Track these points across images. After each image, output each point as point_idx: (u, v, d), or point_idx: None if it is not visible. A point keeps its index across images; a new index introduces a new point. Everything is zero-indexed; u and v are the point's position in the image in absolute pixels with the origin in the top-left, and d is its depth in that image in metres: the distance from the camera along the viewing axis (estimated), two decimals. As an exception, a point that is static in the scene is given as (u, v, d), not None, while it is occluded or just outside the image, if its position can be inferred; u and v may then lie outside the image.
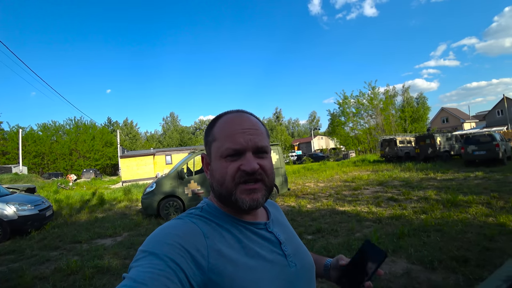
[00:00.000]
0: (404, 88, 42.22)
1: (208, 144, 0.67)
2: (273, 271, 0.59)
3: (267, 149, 0.64)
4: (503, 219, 4.62)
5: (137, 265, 0.49)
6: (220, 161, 0.62)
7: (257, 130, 0.64)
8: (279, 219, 0.77)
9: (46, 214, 6.60)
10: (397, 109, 39.96)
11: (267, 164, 0.63)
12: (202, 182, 7.56)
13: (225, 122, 0.65)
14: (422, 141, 17.44)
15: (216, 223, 0.61)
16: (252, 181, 0.61)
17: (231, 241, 0.59)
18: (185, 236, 0.54)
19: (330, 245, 4.10)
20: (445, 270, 3.09)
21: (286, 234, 0.71)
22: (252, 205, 0.61)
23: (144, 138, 66.00)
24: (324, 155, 36.33)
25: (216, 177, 0.63)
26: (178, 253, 0.50)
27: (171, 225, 0.58)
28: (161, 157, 23.77)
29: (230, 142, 0.61)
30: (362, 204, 6.96)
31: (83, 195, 13.23)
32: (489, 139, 12.65)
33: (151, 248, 0.51)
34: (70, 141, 40.89)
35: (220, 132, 0.64)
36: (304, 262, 0.68)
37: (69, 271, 3.81)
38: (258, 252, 0.60)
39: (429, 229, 4.46)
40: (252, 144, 0.61)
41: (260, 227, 0.66)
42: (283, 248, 0.65)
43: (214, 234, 0.58)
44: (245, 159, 0.60)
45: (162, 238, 0.53)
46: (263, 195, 0.62)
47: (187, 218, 0.61)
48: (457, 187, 8.07)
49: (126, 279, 0.47)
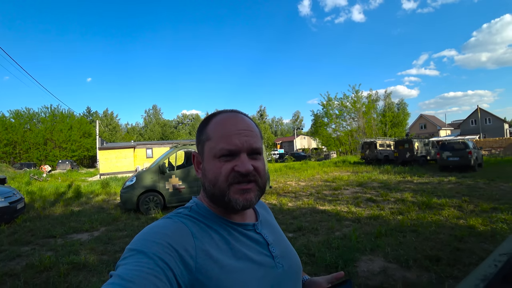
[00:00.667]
0: (386, 94, 43.49)
1: (201, 143, 0.66)
2: (260, 272, 0.59)
3: (260, 151, 0.64)
4: (472, 221, 4.89)
5: (125, 263, 0.49)
6: (213, 161, 0.61)
7: (252, 131, 0.64)
8: (268, 220, 0.77)
9: (17, 206, 6.27)
10: (378, 113, 41.12)
11: (261, 166, 0.63)
12: (184, 178, 7.46)
13: (220, 121, 0.64)
14: (401, 145, 18.08)
15: (205, 224, 0.61)
16: (246, 181, 0.60)
17: (219, 242, 0.59)
18: (174, 236, 0.54)
19: (310, 243, 4.17)
20: (419, 269, 3.23)
21: (274, 235, 0.71)
22: (246, 205, 0.60)
23: (124, 130, 64.22)
24: (306, 155, 36.84)
25: (208, 177, 0.62)
26: (166, 252, 0.50)
27: (159, 224, 0.57)
28: (142, 150, 23.22)
29: (225, 142, 0.60)
30: (342, 204, 7.12)
31: (58, 187, 12.69)
32: (463, 147, 13.31)
33: (139, 247, 0.51)
34: (45, 130, 38.99)
35: (215, 132, 0.63)
36: (292, 263, 0.68)
37: (42, 267, 3.64)
38: (245, 253, 0.60)
39: (405, 230, 4.64)
40: (247, 145, 0.61)
41: (249, 228, 0.66)
42: (270, 250, 0.65)
43: (202, 235, 0.58)
44: (239, 160, 0.60)
45: (150, 237, 0.53)
46: (256, 195, 0.62)
47: (176, 218, 0.60)
48: (431, 190, 8.43)
49: (113, 277, 0.46)
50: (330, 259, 3.45)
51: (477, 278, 0.80)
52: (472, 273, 0.85)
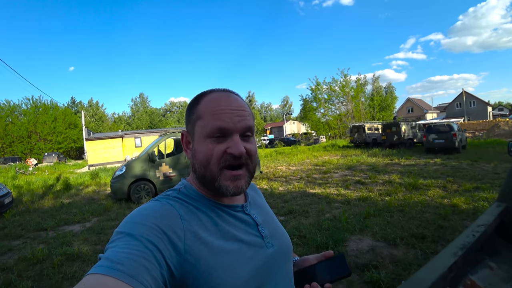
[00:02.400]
0: (374, 78, 43.75)
1: (191, 122, 0.64)
2: (249, 252, 0.60)
3: (253, 131, 0.63)
4: (456, 200, 5.10)
5: (113, 245, 0.48)
6: (204, 142, 0.60)
7: (245, 111, 0.62)
8: (257, 201, 0.76)
9: (4, 201, 6.15)
10: (366, 97, 41.44)
11: (253, 148, 0.62)
12: (174, 165, 7.44)
13: (212, 100, 0.62)
14: (388, 128, 18.37)
15: (193, 206, 0.61)
16: (237, 165, 0.60)
17: (208, 223, 0.59)
18: (162, 218, 0.53)
19: (301, 225, 4.28)
20: (405, 246, 3.37)
21: (263, 216, 0.71)
22: (236, 192, 0.61)
23: (111, 120, 62.79)
24: (295, 140, 37.02)
25: (199, 158, 0.61)
26: (155, 234, 0.50)
27: (147, 206, 0.57)
28: (130, 139, 22.90)
29: (218, 121, 0.59)
30: (331, 187, 7.28)
31: (45, 180, 12.46)
32: (448, 129, 13.62)
33: (127, 229, 0.50)
34: (28, 123, 37.64)
35: (207, 110, 0.61)
36: (282, 243, 0.69)
37: (35, 259, 3.63)
38: (234, 234, 0.60)
39: (392, 210, 4.80)
40: (240, 126, 0.60)
41: (237, 210, 0.66)
42: (260, 230, 0.66)
43: (190, 216, 0.58)
44: (232, 142, 0.59)
45: (138, 220, 0.52)
46: (246, 181, 0.62)
47: (164, 200, 0.60)
48: (418, 172, 8.69)
49: (102, 259, 0.46)
50: (321, 240, 3.57)
51: (456, 247, 0.86)
52: (452, 243, 0.91)
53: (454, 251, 0.77)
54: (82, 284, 0.41)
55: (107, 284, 0.41)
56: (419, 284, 0.63)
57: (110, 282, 0.41)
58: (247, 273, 0.57)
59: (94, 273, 0.43)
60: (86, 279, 0.42)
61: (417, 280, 0.65)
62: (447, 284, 0.68)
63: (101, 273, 0.42)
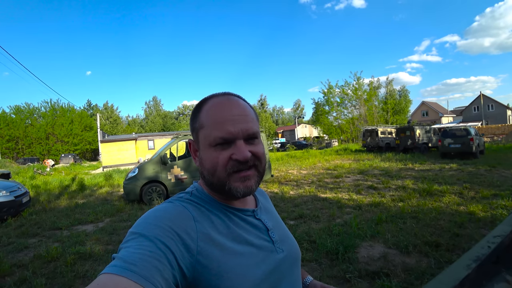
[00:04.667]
0: (387, 81, 42.99)
1: (195, 131, 0.65)
2: (260, 256, 0.60)
3: (257, 135, 0.63)
4: (472, 208, 4.92)
5: (127, 246, 0.50)
6: (209, 150, 0.60)
7: (247, 116, 0.62)
8: (267, 207, 0.78)
9: (22, 200, 6.36)
10: (380, 101, 40.79)
11: (259, 150, 0.62)
12: (186, 168, 7.51)
13: (212, 107, 0.62)
14: (402, 132, 18.00)
15: (206, 208, 0.62)
16: (245, 168, 0.60)
17: (220, 226, 0.60)
18: (175, 219, 0.54)
19: (311, 230, 4.22)
20: (418, 254, 3.28)
21: (273, 221, 0.72)
22: (246, 192, 0.61)
23: (125, 123, 64.13)
24: (307, 143, 36.80)
25: (206, 166, 0.62)
26: (168, 236, 0.51)
27: (161, 208, 0.58)
28: (144, 142, 23.29)
29: (219, 130, 0.59)
30: (343, 192, 7.17)
31: (62, 180, 12.81)
32: (465, 133, 13.23)
33: (141, 230, 0.51)
34: (46, 125, 39.07)
35: (208, 119, 0.61)
36: (291, 249, 0.69)
37: (50, 258, 3.72)
38: (245, 238, 0.61)
39: (405, 216, 4.68)
40: (243, 132, 0.60)
41: (248, 214, 0.67)
42: (270, 235, 0.66)
43: (203, 218, 0.59)
44: (236, 148, 0.59)
45: (152, 221, 0.53)
46: (256, 181, 0.62)
47: (178, 202, 0.61)
48: (433, 177, 8.45)
49: (116, 259, 0.47)
50: (331, 246, 3.51)
51: (470, 259, 0.82)
52: (465, 254, 0.87)
53: (467, 263, 0.74)
54: (95, 283, 0.42)
55: (119, 284, 0.42)
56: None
57: (123, 282, 0.42)
58: (258, 276, 0.57)
59: (107, 273, 0.44)
60: (99, 279, 0.43)
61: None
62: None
63: (115, 273, 0.44)
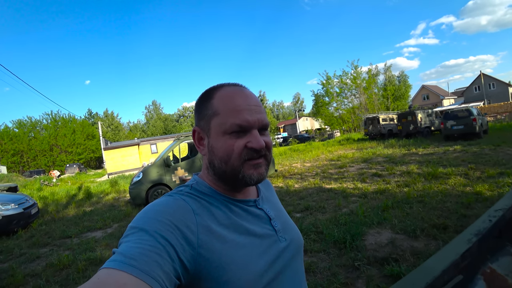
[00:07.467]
0: (386, 67, 42.71)
1: (205, 118, 0.64)
2: (262, 246, 0.60)
3: (268, 126, 0.65)
4: (479, 188, 4.90)
5: (126, 240, 0.50)
6: (223, 138, 0.61)
7: (260, 107, 0.64)
8: (269, 196, 0.77)
9: (31, 212, 6.43)
10: (379, 88, 40.54)
11: (269, 141, 0.64)
12: (189, 168, 7.54)
13: (227, 95, 0.62)
14: (404, 118, 17.88)
15: (206, 201, 0.62)
16: (257, 157, 0.61)
17: (220, 218, 0.60)
18: (175, 213, 0.54)
19: (318, 221, 4.23)
20: (426, 238, 3.27)
21: (275, 210, 0.72)
22: (259, 179, 0.62)
23: (127, 129, 64.42)
24: (309, 136, 36.67)
25: (219, 154, 0.61)
26: (168, 230, 0.51)
27: (161, 202, 0.58)
28: (146, 146, 23.43)
29: (237, 118, 0.59)
30: (347, 181, 7.16)
31: (68, 190, 12.94)
32: (467, 114, 13.09)
33: (141, 225, 0.51)
34: (49, 137, 39.41)
35: (223, 107, 0.61)
36: (294, 238, 0.69)
37: (61, 265, 3.78)
38: (247, 228, 0.61)
39: (411, 201, 4.67)
40: (259, 122, 0.61)
41: (250, 204, 0.67)
42: (273, 224, 0.66)
43: (203, 211, 0.59)
44: (251, 136, 0.60)
45: (152, 215, 0.53)
46: (265, 169, 0.64)
47: (177, 195, 0.61)
48: (437, 160, 8.41)
49: (116, 254, 0.47)
50: (338, 235, 3.51)
51: (471, 233, 0.82)
52: (467, 229, 0.87)
53: (468, 238, 0.74)
54: (96, 278, 0.42)
55: (119, 279, 0.42)
56: (428, 272, 0.61)
57: (123, 277, 0.42)
58: (261, 266, 0.57)
59: (107, 268, 0.44)
60: (99, 273, 0.43)
61: (426, 268, 0.62)
62: (460, 271, 0.65)
63: (115, 267, 0.44)
